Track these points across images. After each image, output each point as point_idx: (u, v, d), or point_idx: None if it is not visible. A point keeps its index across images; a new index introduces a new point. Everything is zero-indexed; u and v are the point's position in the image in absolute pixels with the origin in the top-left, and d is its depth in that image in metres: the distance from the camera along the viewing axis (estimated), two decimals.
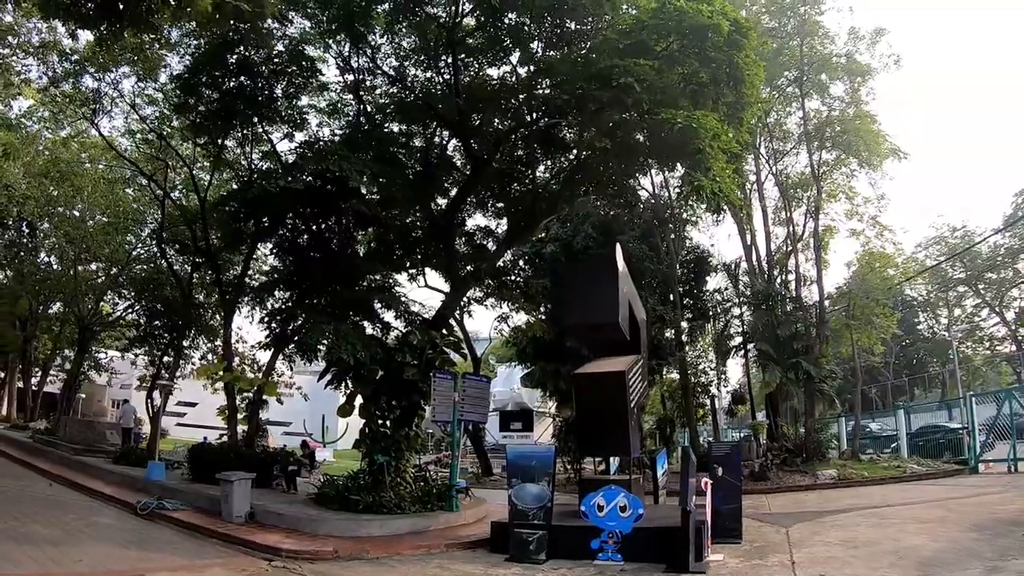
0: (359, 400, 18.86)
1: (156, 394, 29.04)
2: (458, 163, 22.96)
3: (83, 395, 42.92)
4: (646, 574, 11.94)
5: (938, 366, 65.95)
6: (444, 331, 19.79)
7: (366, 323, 20.68)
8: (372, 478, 17.57)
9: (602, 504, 12.95)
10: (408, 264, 23.01)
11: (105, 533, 14.33)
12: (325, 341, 17.27)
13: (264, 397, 25.08)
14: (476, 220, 25.72)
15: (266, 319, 22.31)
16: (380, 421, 18.10)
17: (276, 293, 23.14)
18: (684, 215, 35.65)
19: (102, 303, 37.24)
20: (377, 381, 18.23)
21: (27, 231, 37.29)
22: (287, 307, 22.25)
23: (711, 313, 37.04)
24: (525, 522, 13.43)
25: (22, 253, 38.34)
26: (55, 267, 38.46)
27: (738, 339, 37.77)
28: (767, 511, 18.14)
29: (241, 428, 24.43)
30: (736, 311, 37.45)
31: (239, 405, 24.67)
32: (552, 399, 34.74)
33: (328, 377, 18.63)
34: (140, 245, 34.97)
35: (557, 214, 21.77)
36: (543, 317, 30.60)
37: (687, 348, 33.76)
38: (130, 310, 35.34)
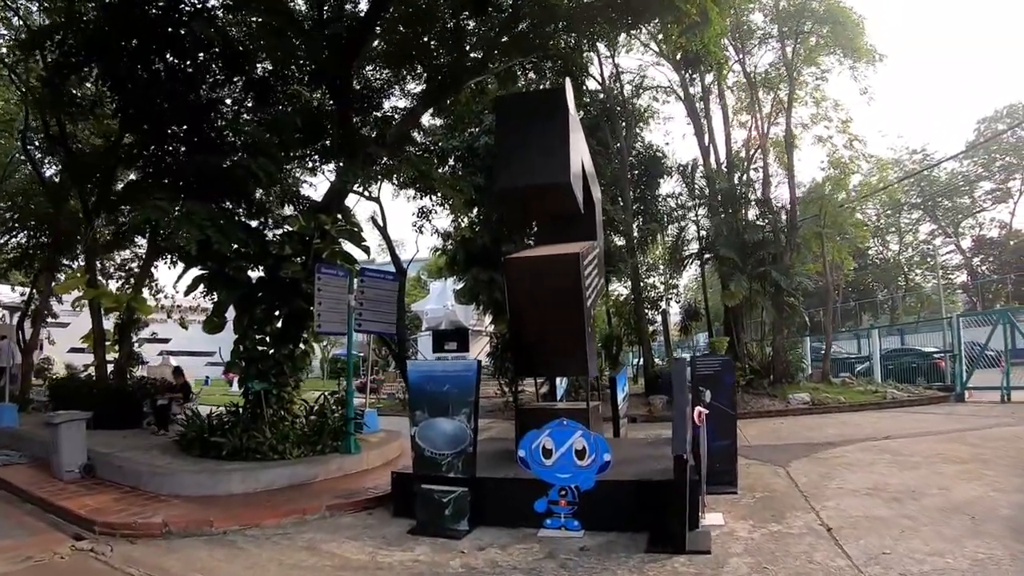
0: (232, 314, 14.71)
1: (27, 324, 26.26)
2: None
3: None
4: (620, 553, 7.76)
5: (886, 292, 65.69)
6: (339, 217, 15.22)
7: (238, 208, 15.94)
8: (249, 413, 13.81)
9: (550, 447, 8.77)
10: (300, 146, 17.87)
11: None
12: (165, 226, 12.79)
13: (138, 316, 21.75)
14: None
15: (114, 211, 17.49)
16: (257, 337, 14.07)
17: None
18: (638, 107, 32.61)
19: None
20: (249, 284, 14.17)
21: None
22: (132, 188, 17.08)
23: (664, 220, 33.53)
24: (437, 474, 9.43)
25: None
26: None
27: (694, 247, 34.46)
28: (744, 442, 14.71)
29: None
30: (693, 216, 34.18)
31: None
32: (488, 313, 31.01)
33: (186, 282, 14.40)
34: (15, 154, 30.14)
35: (483, 77, 17.34)
36: (477, 219, 27.77)
37: (638, 256, 30.29)
38: (10, 232, 30.56)
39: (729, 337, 27.80)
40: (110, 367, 20.97)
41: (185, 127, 14.88)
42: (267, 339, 14.11)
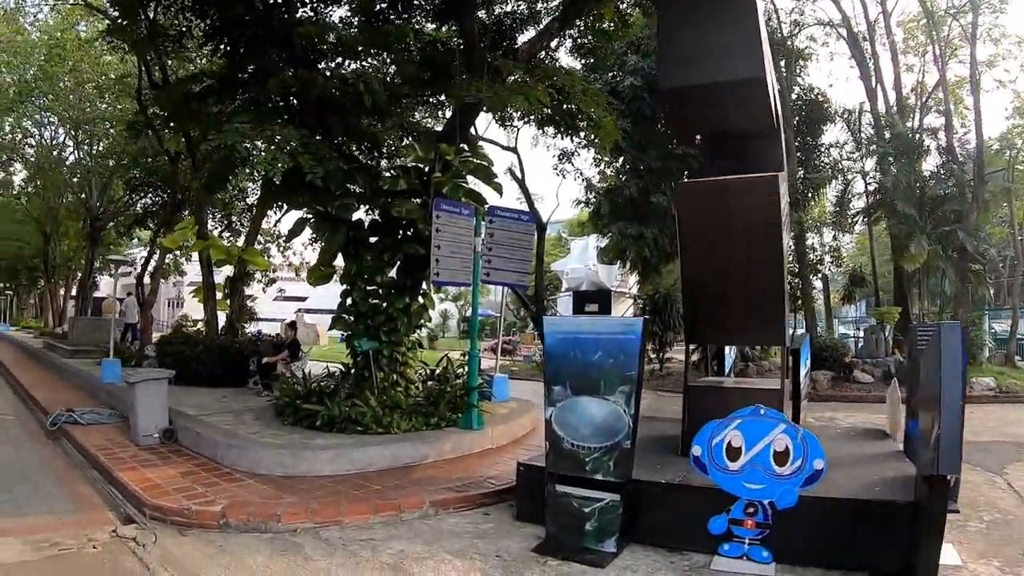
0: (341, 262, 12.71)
1: (147, 278, 25.78)
2: None
3: (104, 295, 41.30)
4: None
5: None
6: (464, 148, 12.76)
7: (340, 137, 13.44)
8: (355, 377, 11.83)
9: (738, 444, 6.11)
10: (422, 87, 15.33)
11: None
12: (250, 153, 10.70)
13: (250, 270, 20.74)
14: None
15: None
16: (367, 288, 12.01)
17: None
18: (795, 47, 28.81)
19: (109, 190, 33.99)
20: (357, 227, 12.09)
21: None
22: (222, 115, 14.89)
23: (828, 172, 29.67)
24: (578, 474, 6.90)
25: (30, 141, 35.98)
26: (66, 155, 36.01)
27: (859, 204, 30.87)
28: None
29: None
30: (858, 167, 30.47)
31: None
32: (634, 272, 28.44)
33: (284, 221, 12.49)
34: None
35: None
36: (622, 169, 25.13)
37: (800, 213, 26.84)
38: (134, 193, 30.92)
39: (901, 307, 24.54)
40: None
41: (281, 52, 12.75)
42: (379, 290, 12.05)
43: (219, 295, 19.64)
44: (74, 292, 43.08)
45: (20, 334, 43.46)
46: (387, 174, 12.29)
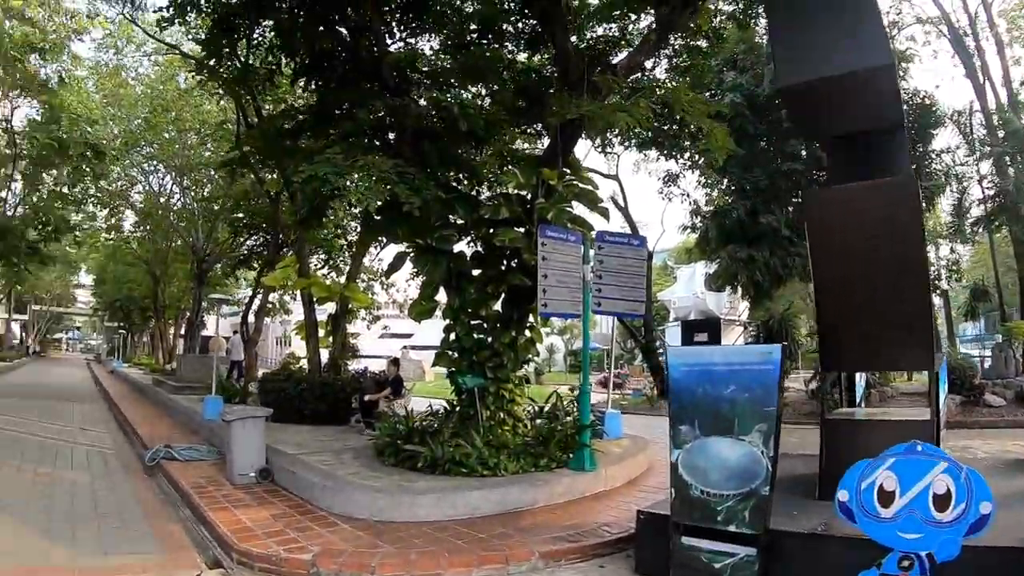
0: (443, 297, 12.24)
1: (252, 316, 27.53)
2: None
3: (210, 332, 42.26)
4: None
5: None
6: (566, 172, 12.18)
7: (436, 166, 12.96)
8: (458, 415, 11.36)
9: (891, 487, 5.19)
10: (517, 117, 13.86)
11: (40, 502, 9.70)
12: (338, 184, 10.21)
13: (353, 306, 20.38)
14: None
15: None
16: (471, 322, 11.51)
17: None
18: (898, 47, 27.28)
19: (215, 232, 35.29)
20: (459, 258, 11.64)
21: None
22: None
23: (941, 179, 27.69)
24: (709, 525, 6.16)
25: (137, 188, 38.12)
26: (173, 201, 38.11)
27: (979, 210, 28.75)
28: None
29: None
30: (973, 173, 28.71)
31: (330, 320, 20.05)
32: (745, 298, 27.43)
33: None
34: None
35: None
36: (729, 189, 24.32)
37: None
38: (238, 235, 32.01)
39: None
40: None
41: (371, 84, 12.49)
42: (483, 324, 11.58)
43: (322, 332, 19.45)
44: (183, 331, 44.32)
45: (132, 370, 44.87)
46: (488, 202, 11.78)
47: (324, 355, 19.22)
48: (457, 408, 11.57)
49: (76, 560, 7.11)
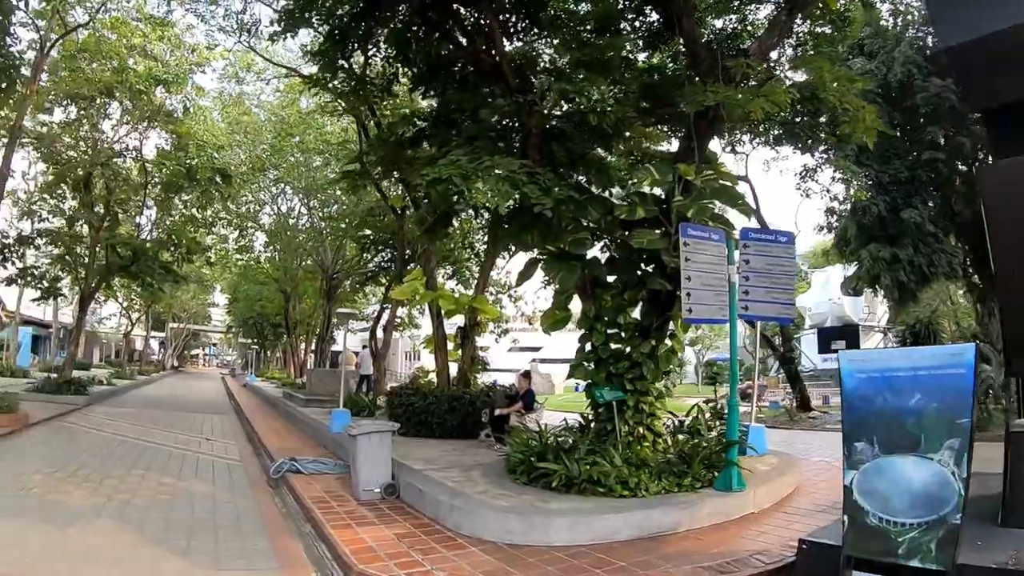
0: (578, 304, 11.55)
1: (380, 331, 27.28)
2: None
3: (340, 347, 43.31)
4: None
5: None
6: (704, 167, 11.14)
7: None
8: (594, 431, 10.63)
9: None
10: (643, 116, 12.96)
11: (159, 512, 9.62)
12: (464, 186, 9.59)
13: (482, 319, 19.66)
14: None
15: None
16: (607, 331, 10.73)
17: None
18: None
19: (343, 250, 36.23)
20: (593, 264, 10.89)
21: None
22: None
23: None
24: (888, 559, 5.23)
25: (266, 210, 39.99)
26: (301, 222, 39.57)
27: None
28: None
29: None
30: None
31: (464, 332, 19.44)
32: (888, 300, 25.87)
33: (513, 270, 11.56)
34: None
35: None
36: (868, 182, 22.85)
37: None
38: (365, 252, 32.32)
39: None
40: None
41: (492, 86, 12.02)
42: (620, 333, 10.82)
43: (451, 346, 19.15)
44: (313, 346, 45.35)
45: (264, 384, 46.31)
46: (622, 203, 10.98)
47: (453, 369, 18.94)
48: (593, 423, 10.89)
49: (187, 573, 6.91)
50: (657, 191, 11.01)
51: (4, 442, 15.18)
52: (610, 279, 11.04)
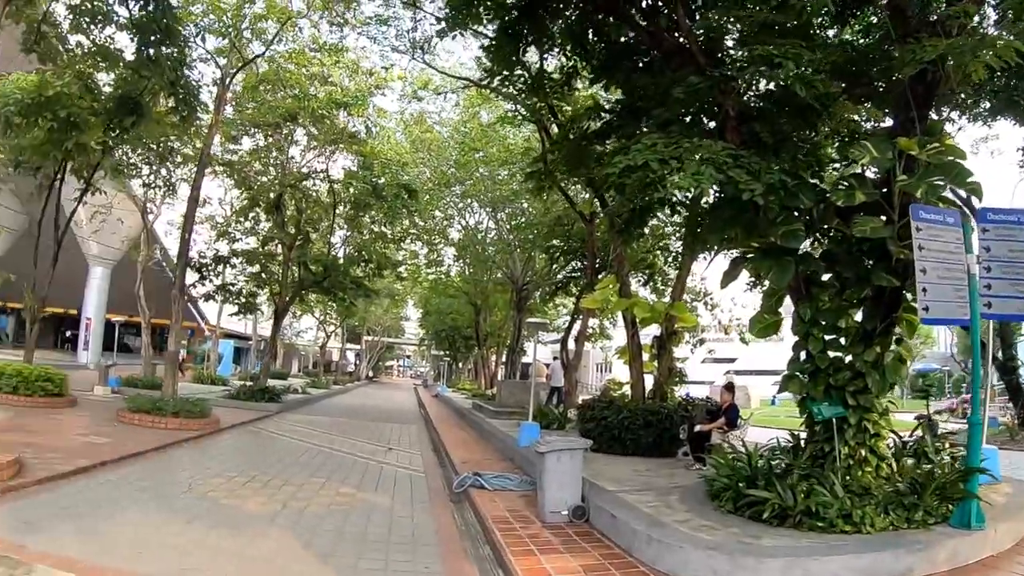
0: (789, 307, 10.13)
1: (571, 342, 27.17)
2: None
3: (530, 359, 42.75)
4: None
5: None
6: (927, 140, 9.44)
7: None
8: (809, 452, 9.19)
9: None
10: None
11: (333, 524, 9.35)
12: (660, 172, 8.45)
13: (679, 327, 18.61)
14: None
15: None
16: (825, 337, 9.31)
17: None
18: None
19: (532, 261, 36.39)
20: (805, 259, 9.45)
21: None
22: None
23: None
24: None
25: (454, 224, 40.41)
26: (490, 236, 39.56)
27: None
28: None
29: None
30: None
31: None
32: None
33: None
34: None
35: None
36: None
37: None
38: (554, 262, 32.50)
39: None
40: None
41: (678, 68, 10.83)
42: (840, 339, 9.37)
43: (646, 357, 18.07)
44: (503, 358, 45.58)
45: (455, 395, 46.69)
46: (837, 187, 9.53)
47: (648, 381, 17.88)
48: (807, 443, 9.49)
49: None
50: (872, 173, 9.62)
51: (193, 445, 15.64)
52: (825, 277, 9.67)
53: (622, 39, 11.89)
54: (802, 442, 9.74)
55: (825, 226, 9.50)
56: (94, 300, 45.88)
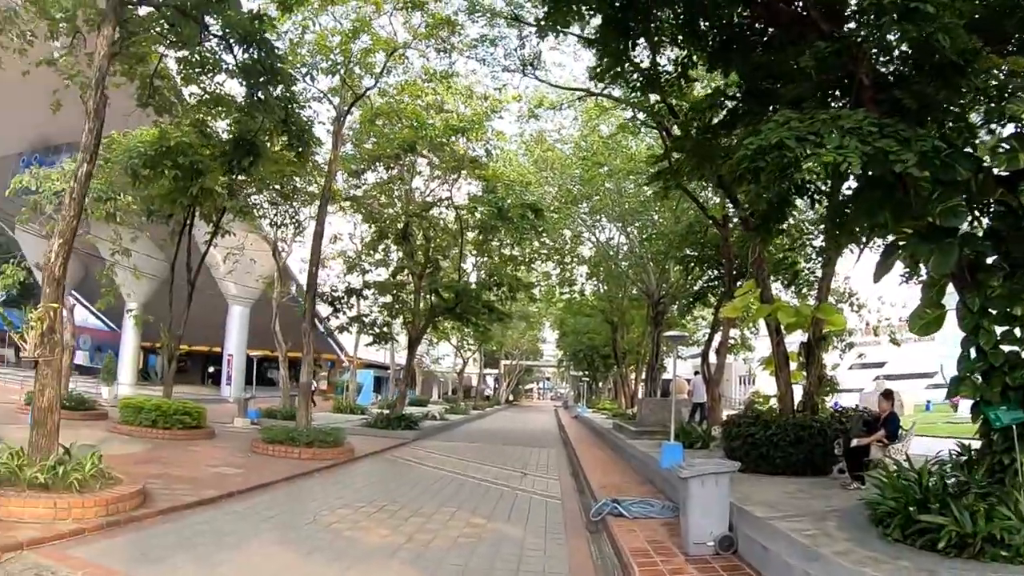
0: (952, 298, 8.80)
1: (712, 355, 25.74)
2: None
3: (670, 375, 41.85)
4: None
5: None
6: None
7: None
8: (986, 466, 7.82)
9: None
10: None
11: (458, 559, 8.86)
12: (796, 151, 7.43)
13: (827, 331, 17.53)
14: None
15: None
16: (992, 327, 7.93)
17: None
18: None
19: (666, 273, 34.84)
20: (968, 240, 8.07)
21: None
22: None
23: None
24: None
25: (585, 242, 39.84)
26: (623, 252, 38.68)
27: None
28: None
29: None
30: None
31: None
32: None
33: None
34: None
35: None
36: None
37: None
38: (689, 273, 30.65)
39: None
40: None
41: (797, 42, 9.87)
42: (1015, 331, 7.96)
43: (793, 366, 16.65)
44: (643, 375, 44.19)
45: (595, 415, 46.59)
46: (997, 150, 8.24)
47: (796, 392, 16.42)
48: (983, 454, 8.10)
49: None
50: None
51: (325, 474, 15.66)
52: (991, 259, 8.31)
53: (734, 17, 11.00)
54: (973, 454, 8.39)
55: (986, 199, 8.24)
56: (235, 337, 48.80)
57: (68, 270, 11.20)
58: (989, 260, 8.24)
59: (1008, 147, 7.74)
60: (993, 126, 9.01)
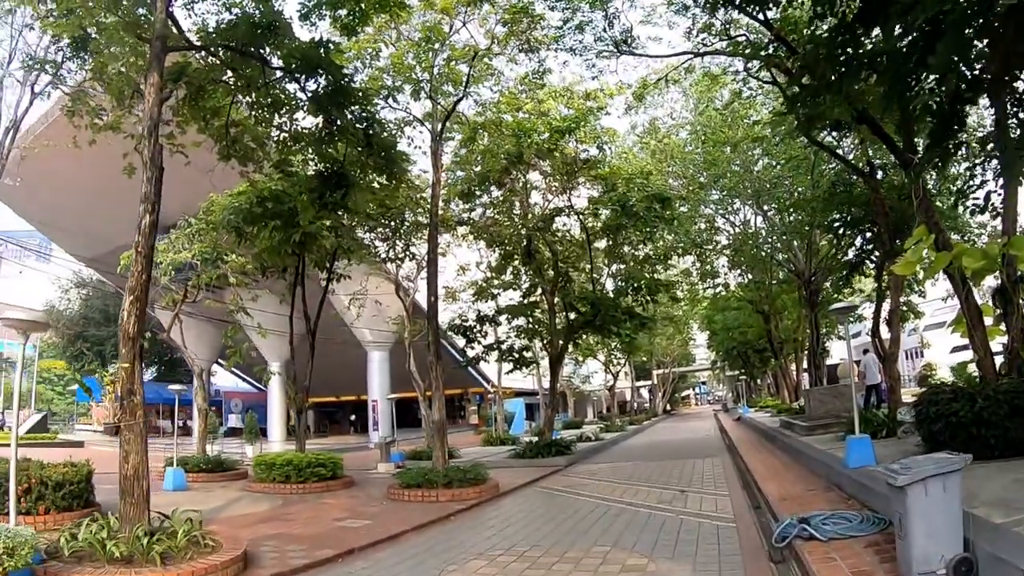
0: None
1: (883, 327, 22.26)
2: None
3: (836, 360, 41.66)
4: None
5: None
6: None
7: None
8: None
9: None
10: None
11: None
12: None
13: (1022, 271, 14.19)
14: None
15: None
16: None
17: None
18: None
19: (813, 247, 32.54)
20: None
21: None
22: None
23: None
24: None
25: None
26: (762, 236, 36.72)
27: None
28: None
29: None
30: None
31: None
32: None
33: None
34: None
35: None
36: None
37: None
38: (839, 241, 27.64)
39: None
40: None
41: None
42: None
43: (987, 321, 14.00)
44: (804, 364, 41.83)
45: (759, 415, 44.72)
46: None
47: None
48: None
49: None
50: None
51: (464, 517, 14.46)
52: None
53: None
54: None
55: None
56: (376, 382, 49.03)
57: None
58: None
59: None
60: None
